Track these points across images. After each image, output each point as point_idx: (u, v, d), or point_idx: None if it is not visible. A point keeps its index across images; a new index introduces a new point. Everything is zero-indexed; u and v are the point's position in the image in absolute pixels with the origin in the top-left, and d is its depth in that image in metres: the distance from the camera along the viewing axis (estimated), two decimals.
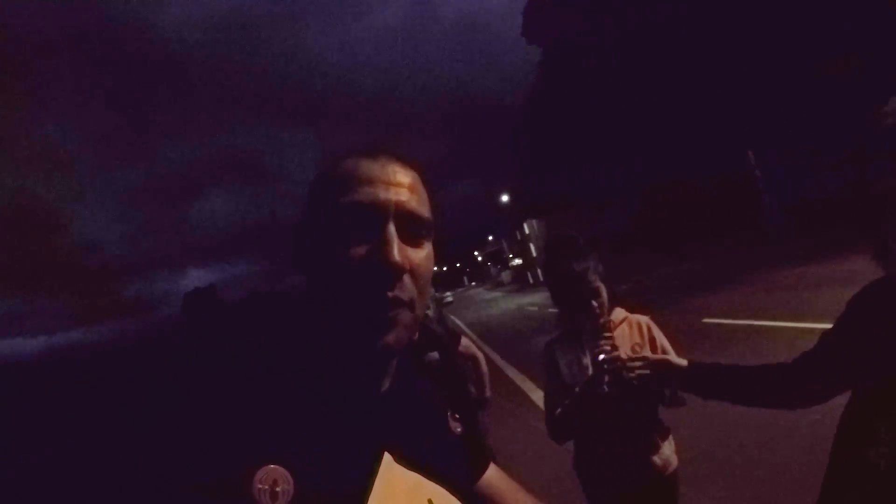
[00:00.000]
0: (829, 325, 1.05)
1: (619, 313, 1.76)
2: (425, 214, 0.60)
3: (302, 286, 0.60)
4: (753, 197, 20.01)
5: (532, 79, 46.15)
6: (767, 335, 5.74)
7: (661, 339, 1.74)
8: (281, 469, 0.48)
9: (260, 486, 0.47)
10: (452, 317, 25.15)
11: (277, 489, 0.47)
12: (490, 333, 14.73)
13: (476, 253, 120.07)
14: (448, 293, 76.80)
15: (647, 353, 1.58)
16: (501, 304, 30.53)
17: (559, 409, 1.63)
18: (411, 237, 0.58)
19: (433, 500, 0.58)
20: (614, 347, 1.45)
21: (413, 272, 0.57)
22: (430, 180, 0.64)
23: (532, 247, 54.86)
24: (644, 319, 1.78)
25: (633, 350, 1.64)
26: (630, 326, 1.75)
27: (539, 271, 46.47)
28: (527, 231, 58.06)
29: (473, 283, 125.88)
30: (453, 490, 0.61)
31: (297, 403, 0.53)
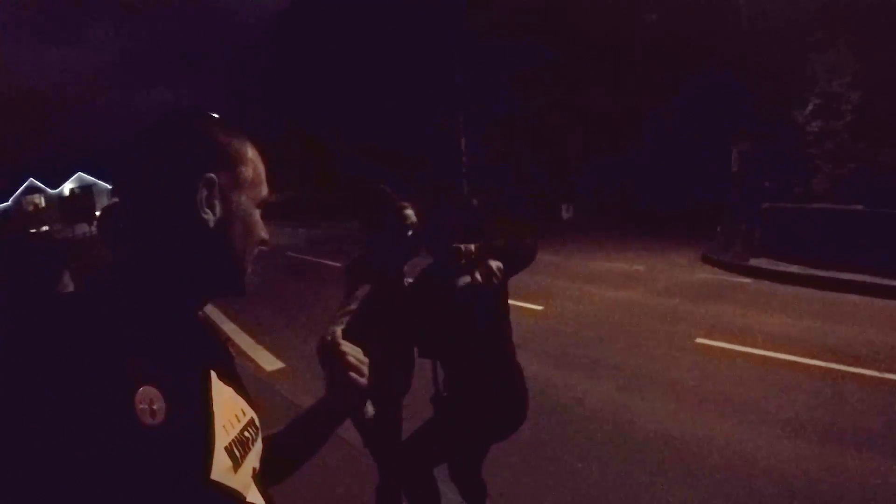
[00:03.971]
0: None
1: None
2: None
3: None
4: None
5: None
6: None
7: None
8: (153, 389, 0.55)
9: (141, 405, 0.53)
10: None
11: (154, 407, 0.54)
12: None
13: None
14: None
15: None
16: None
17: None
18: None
19: (243, 409, 0.73)
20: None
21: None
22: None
23: None
24: None
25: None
26: None
27: None
28: None
29: None
30: (248, 401, 0.76)
31: (153, 339, 0.61)
